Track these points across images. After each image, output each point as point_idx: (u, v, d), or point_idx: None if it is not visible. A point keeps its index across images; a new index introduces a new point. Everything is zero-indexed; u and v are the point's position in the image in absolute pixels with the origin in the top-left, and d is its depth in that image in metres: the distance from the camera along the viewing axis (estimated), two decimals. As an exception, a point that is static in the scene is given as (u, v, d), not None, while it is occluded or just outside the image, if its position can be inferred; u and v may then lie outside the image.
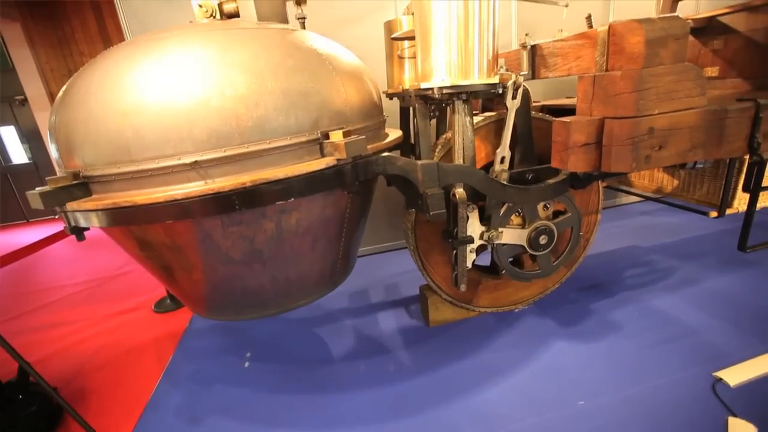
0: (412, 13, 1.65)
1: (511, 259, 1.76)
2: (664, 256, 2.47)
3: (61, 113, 1.23)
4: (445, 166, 1.29)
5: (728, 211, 1.88)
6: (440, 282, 1.89)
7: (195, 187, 1.08)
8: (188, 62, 1.12)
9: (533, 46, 1.67)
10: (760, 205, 1.99)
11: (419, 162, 1.23)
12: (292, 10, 1.65)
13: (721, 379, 1.49)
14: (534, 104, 2.29)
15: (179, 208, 1.09)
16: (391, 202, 2.83)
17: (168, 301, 2.54)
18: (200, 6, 1.53)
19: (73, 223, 1.23)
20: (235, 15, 1.54)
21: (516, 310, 2.06)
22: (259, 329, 2.16)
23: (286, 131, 1.15)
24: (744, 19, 1.81)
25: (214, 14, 1.54)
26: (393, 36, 1.78)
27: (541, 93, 2.91)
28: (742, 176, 1.74)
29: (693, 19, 1.96)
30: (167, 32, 1.26)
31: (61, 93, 1.29)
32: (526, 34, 1.70)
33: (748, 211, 1.61)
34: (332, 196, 1.33)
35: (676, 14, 1.33)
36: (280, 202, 1.15)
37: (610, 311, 1.99)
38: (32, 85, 5.41)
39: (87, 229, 1.25)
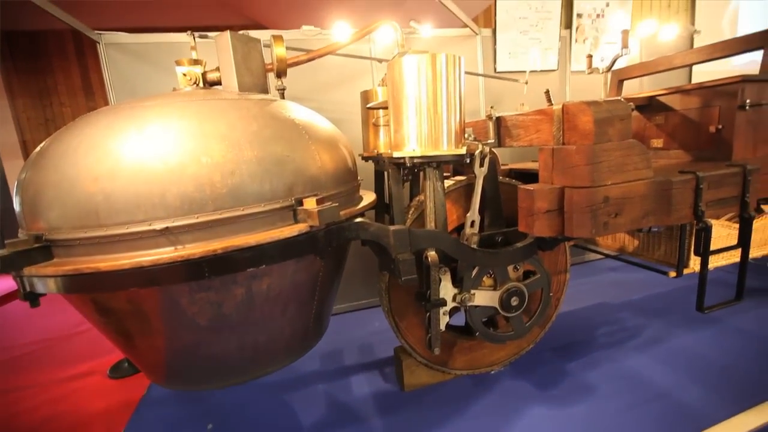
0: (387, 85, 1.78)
1: (485, 320, 1.76)
2: (633, 314, 2.53)
3: (33, 173, 1.22)
4: (417, 231, 1.33)
5: (686, 271, 1.99)
6: (414, 344, 1.85)
7: (164, 254, 1.07)
8: (167, 131, 1.15)
9: (498, 118, 1.81)
10: (712, 265, 2.11)
11: (391, 228, 1.27)
12: (273, 80, 1.75)
13: (695, 445, 1.48)
14: (502, 167, 2.43)
15: (146, 275, 1.06)
16: (367, 259, 2.84)
17: (126, 364, 2.36)
18: (184, 74, 1.61)
19: (28, 288, 1.17)
20: (218, 83, 1.63)
21: (492, 372, 2.03)
22: (222, 397, 2.02)
23: (261, 198, 1.17)
24: (679, 100, 2.04)
25: (197, 82, 1.62)
26: (368, 105, 1.90)
27: (509, 156, 3.10)
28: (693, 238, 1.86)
29: (636, 98, 2.19)
30: (149, 100, 1.31)
31: (35, 153, 1.28)
32: (492, 107, 1.85)
33: (701, 274, 1.71)
34: (305, 261, 1.33)
35: (619, 98, 1.50)
36: (251, 269, 1.14)
37: (584, 372, 1.98)
38: (5, 133, 5.34)
39: (43, 294, 1.18)
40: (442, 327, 1.60)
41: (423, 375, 1.94)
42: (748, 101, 1.80)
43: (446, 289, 1.59)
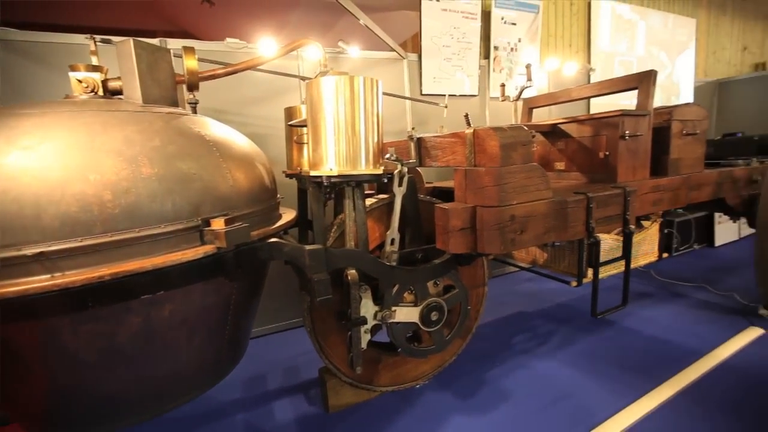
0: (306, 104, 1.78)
1: (410, 335, 1.79)
2: (544, 321, 2.75)
3: None
4: (334, 251, 1.33)
5: (585, 281, 2.22)
6: (339, 364, 1.82)
7: (35, 283, 0.94)
8: (47, 143, 1.03)
9: (419, 139, 1.89)
10: (607, 274, 2.38)
11: (306, 247, 1.25)
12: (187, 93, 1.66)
13: (594, 439, 1.63)
14: (427, 185, 2.53)
15: (11, 308, 0.92)
16: (291, 276, 2.75)
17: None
18: (79, 81, 1.46)
19: None
20: (120, 92, 1.50)
21: (417, 387, 2.06)
22: (124, 438, 1.80)
23: (161, 219, 1.09)
24: (575, 128, 2.31)
25: (96, 90, 1.48)
26: (289, 123, 1.88)
27: (435, 174, 3.24)
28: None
29: (541, 125, 2.44)
30: (31, 107, 1.17)
31: None
32: (413, 128, 1.93)
33: (593, 284, 1.91)
34: (214, 284, 1.25)
35: (521, 125, 1.65)
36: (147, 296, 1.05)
37: (502, 379, 2.10)
38: None
39: None
40: (364, 345, 1.59)
41: (348, 395, 1.91)
42: (627, 132, 2.08)
43: (367, 307, 1.59)
